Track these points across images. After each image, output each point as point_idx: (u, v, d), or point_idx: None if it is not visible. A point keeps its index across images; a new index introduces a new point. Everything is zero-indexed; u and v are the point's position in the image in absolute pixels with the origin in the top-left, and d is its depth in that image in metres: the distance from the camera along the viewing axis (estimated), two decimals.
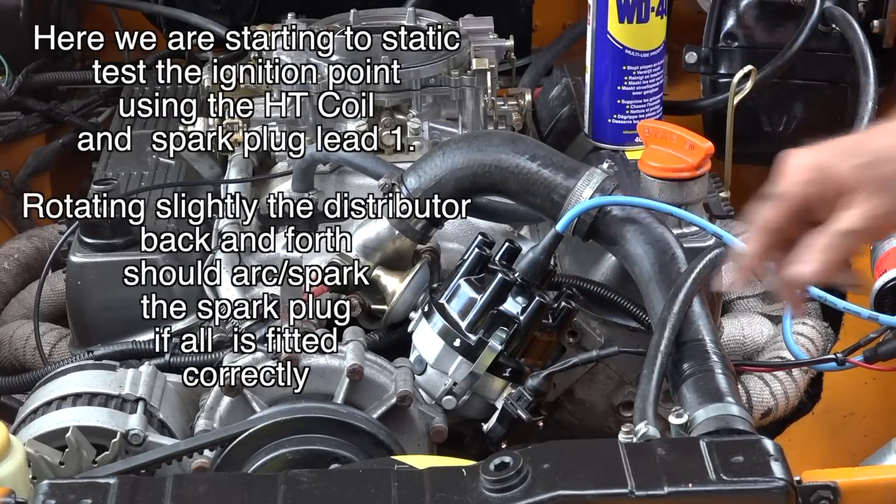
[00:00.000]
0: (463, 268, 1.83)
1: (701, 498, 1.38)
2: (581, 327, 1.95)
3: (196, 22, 2.70)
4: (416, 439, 1.82)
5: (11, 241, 2.56)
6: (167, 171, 2.28)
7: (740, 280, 1.58)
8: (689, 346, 1.70)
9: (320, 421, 1.74)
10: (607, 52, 2.20)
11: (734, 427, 1.56)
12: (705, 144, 1.96)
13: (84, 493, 1.41)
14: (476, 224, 2.05)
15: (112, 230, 2.00)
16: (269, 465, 1.71)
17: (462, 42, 2.22)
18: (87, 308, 2.03)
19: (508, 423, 1.78)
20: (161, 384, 1.88)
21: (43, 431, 1.77)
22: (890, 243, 2.20)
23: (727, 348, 2.30)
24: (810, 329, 2.39)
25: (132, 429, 1.77)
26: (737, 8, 2.70)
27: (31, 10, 2.74)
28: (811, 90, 2.67)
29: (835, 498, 1.42)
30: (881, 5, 2.62)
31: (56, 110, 2.76)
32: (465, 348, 1.79)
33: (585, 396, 2.00)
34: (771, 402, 2.29)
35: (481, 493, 1.39)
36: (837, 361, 1.92)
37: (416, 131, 2.17)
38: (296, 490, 1.42)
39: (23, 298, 2.46)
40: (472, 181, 1.90)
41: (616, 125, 2.23)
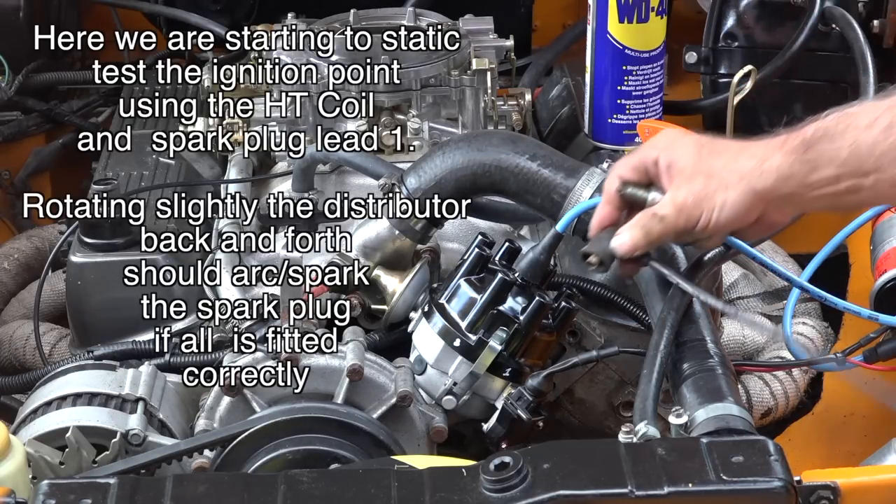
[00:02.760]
0: (463, 268, 1.83)
1: (701, 498, 1.38)
2: (581, 327, 1.95)
3: (196, 22, 2.70)
4: (416, 439, 1.82)
5: (11, 241, 2.56)
6: (167, 171, 2.28)
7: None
8: (689, 346, 1.70)
9: (320, 421, 1.74)
10: (607, 52, 2.20)
11: (734, 427, 1.56)
12: None
13: (84, 493, 1.41)
14: (476, 224, 2.05)
15: (112, 230, 2.00)
16: (269, 465, 1.71)
17: (462, 42, 2.22)
18: (87, 308, 2.03)
19: (508, 423, 1.78)
20: (161, 384, 1.88)
21: (43, 431, 1.77)
22: (890, 243, 2.20)
23: (727, 348, 2.30)
24: (810, 329, 2.39)
25: (132, 429, 1.77)
26: (737, 8, 2.70)
27: (31, 10, 2.74)
28: (811, 90, 2.67)
29: (835, 498, 1.42)
30: (881, 5, 2.62)
31: (56, 110, 2.76)
32: (465, 348, 1.79)
33: (585, 396, 2.00)
34: (771, 402, 2.29)
35: (481, 493, 1.39)
36: (837, 361, 1.92)
37: (416, 131, 2.17)
38: (296, 490, 1.42)
39: (23, 298, 2.46)
40: (472, 181, 1.90)
41: (616, 125, 2.23)
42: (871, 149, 1.52)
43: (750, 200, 1.59)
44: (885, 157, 1.52)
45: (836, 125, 1.55)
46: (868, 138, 1.52)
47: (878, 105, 1.55)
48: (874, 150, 1.52)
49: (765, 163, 1.58)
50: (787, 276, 1.86)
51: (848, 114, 1.56)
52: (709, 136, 1.66)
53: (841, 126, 1.55)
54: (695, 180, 1.61)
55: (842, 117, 1.55)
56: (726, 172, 1.59)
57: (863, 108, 1.55)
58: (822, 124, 1.56)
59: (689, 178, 1.62)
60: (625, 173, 1.68)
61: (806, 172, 1.56)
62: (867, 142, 1.52)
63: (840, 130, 1.54)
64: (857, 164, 1.54)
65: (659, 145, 1.66)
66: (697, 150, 1.63)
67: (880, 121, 1.52)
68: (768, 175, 1.57)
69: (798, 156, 1.56)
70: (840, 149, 1.54)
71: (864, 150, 1.52)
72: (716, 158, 1.61)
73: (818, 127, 1.56)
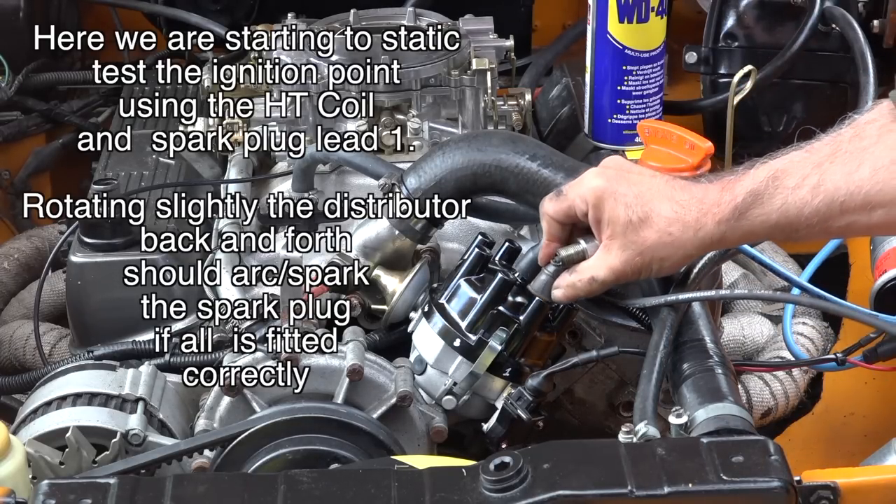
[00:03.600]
0: (463, 268, 1.83)
1: (701, 498, 1.38)
2: (581, 327, 1.95)
3: (196, 22, 2.70)
4: (416, 439, 1.82)
5: (11, 241, 2.56)
6: (167, 171, 2.28)
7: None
8: (689, 346, 1.70)
9: (320, 421, 1.74)
10: (607, 52, 2.20)
11: (734, 427, 1.56)
12: (705, 144, 1.96)
13: (84, 493, 1.41)
14: (476, 224, 2.04)
15: (112, 230, 2.00)
16: (269, 465, 1.71)
17: (462, 42, 2.22)
18: (87, 308, 2.03)
19: (508, 423, 1.78)
20: (161, 384, 1.88)
21: (43, 431, 1.77)
22: (890, 243, 2.20)
23: (727, 348, 2.30)
24: (810, 329, 2.39)
25: (132, 429, 1.77)
26: (737, 8, 2.70)
27: (31, 10, 2.74)
28: (811, 90, 2.67)
29: (835, 498, 1.42)
30: (881, 5, 2.62)
31: (56, 110, 2.76)
32: (465, 348, 1.79)
33: (585, 396, 2.00)
34: (771, 402, 2.29)
35: (481, 493, 1.39)
36: (837, 361, 1.92)
37: (416, 131, 2.17)
38: (296, 490, 1.42)
39: (23, 298, 2.46)
40: (472, 181, 1.90)
41: (616, 125, 2.23)
42: (800, 211, 1.57)
43: (685, 262, 1.69)
44: (814, 217, 1.56)
45: (766, 188, 1.59)
46: (796, 200, 1.57)
47: (805, 162, 1.58)
48: (803, 212, 1.57)
49: (698, 232, 1.62)
50: (787, 275, 1.86)
51: (777, 172, 1.59)
52: (644, 180, 1.68)
53: (770, 189, 1.58)
54: (627, 249, 1.65)
55: (771, 178, 1.59)
56: (660, 247, 1.64)
57: (791, 166, 1.59)
58: (753, 186, 1.60)
59: (621, 246, 1.66)
60: (557, 217, 1.71)
61: (738, 238, 1.64)
62: (796, 204, 1.57)
63: (769, 193, 1.59)
64: (786, 226, 1.59)
65: (588, 199, 1.68)
66: (626, 212, 1.65)
67: (808, 180, 1.57)
68: (701, 243, 1.63)
69: (730, 224, 1.60)
70: (770, 213, 1.59)
71: (793, 212, 1.57)
72: (647, 228, 1.64)
73: (749, 191, 1.60)
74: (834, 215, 1.56)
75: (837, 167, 1.55)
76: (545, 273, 1.75)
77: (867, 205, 1.54)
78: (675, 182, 1.67)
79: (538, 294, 1.75)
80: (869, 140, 1.55)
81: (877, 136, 1.54)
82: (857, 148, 1.55)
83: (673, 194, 1.65)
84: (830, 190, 1.55)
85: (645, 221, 1.64)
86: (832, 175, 1.55)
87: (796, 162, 1.59)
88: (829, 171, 1.55)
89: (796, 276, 1.89)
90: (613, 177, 1.68)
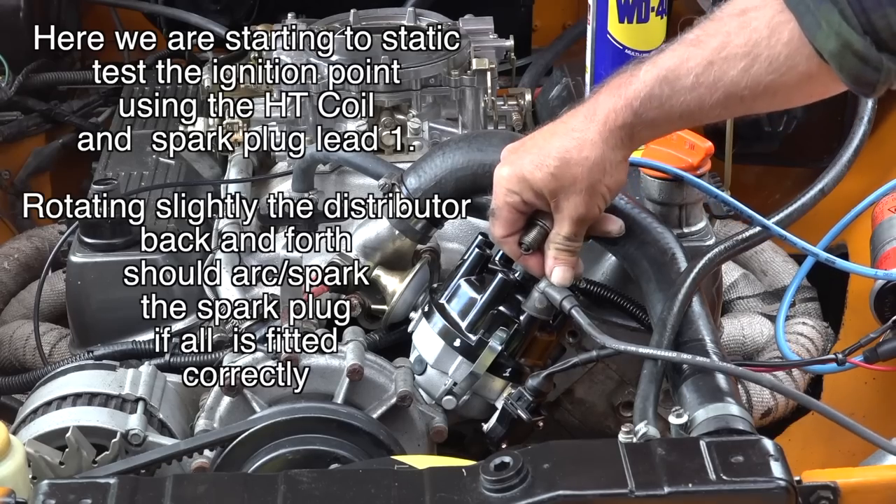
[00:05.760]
0: (463, 268, 1.83)
1: (701, 498, 1.39)
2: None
3: (196, 22, 2.70)
4: (416, 439, 1.82)
5: (11, 241, 2.56)
6: (167, 171, 2.28)
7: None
8: (689, 346, 1.70)
9: (320, 421, 1.74)
10: (607, 52, 2.20)
11: (734, 427, 1.56)
12: (705, 144, 1.96)
13: (84, 493, 1.41)
14: (476, 224, 2.04)
15: (112, 230, 2.00)
16: (269, 465, 1.71)
17: (462, 42, 2.22)
18: (87, 308, 2.03)
19: (508, 423, 1.78)
20: (161, 384, 1.88)
21: (43, 431, 1.77)
22: (890, 244, 2.20)
23: (727, 348, 2.30)
24: (810, 329, 2.39)
25: (132, 429, 1.77)
26: None
27: (31, 10, 2.74)
28: None
29: (835, 498, 1.42)
30: None
31: (56, 110, 2.76)
32: (465, 348, 1.79)
33: (585, 396, 2.00)
34: (771, 402, 2.29)
35: (481, 493, 1.39)
36: (837, 361, 1.92)
37: (416, 131, 2.17)
38: (296, 490, 1.42)
39: (23, 298, 2.46)
40: (472, 181, 1.90)
41: None
42: (701, 105, 1.61)
43: (623, 167, 1.69)
44: (717, 107, 1.61)
45: (661, 90, 1.63)
46: (696, 97, 1.61)
47: (690, 54, 1.61)
48: (704, 105, 1.61)
49: (608, 141, 1.65)
50: (761, 221, 1.82)
51: (668, 72, 1.62)
52: (536, 138, 1.72)
53: (666, 91, 1.62)
54: (570, 195, 1.68)
55: (664, 79, 1.62)
56: (591, 173, 1.66)
57: (682, 64, 1.61)
58: (646, 91, 1.63)
59: (564, 197, 1.68)
60: (507, 230, 1.74)
61: (646, 127, 1.67)
62: (696, 101, 1.61)
63: (667, 95, 1.62)
64: (689, 117, 1.66)
65: (511, 188, 1.70)
66: (544, 172, 1.67)
67: (703, 78, 1.60)
68: (615, 147, 1.66)
69: (636, 116, 1.64)
70: (673, 108, 1.63)
71: (695, 106, 1.62)
72: (569, 168, 1.67)
73: (645, 95, 1.63)
74: (734, 104, 1.61)
75: (731, 63, 1.57)
76: (536, 290, 1.76)
77: (767, 91, 1.58)
78: (561, 118, 1.71)
79: (535, 309, 1.76)
80: (759, 34, 1.56)
81: (767, 30, 1.55)
82: (750, 41, 1.56)
83: (565, 129, 1.69)
84: (728, 84, 1.58)
85: (562, 164, 1.67)
86: (729, 70, 1.58)
87: (685, 59, 1.61)
88: (723, 66, 1.58)
89: (767, 220, 1.84)
90: (512, 158, 1.72)
